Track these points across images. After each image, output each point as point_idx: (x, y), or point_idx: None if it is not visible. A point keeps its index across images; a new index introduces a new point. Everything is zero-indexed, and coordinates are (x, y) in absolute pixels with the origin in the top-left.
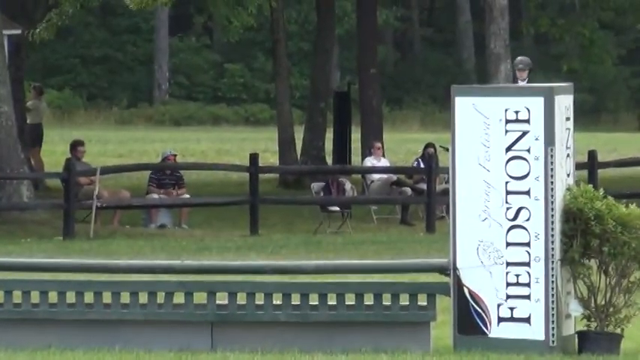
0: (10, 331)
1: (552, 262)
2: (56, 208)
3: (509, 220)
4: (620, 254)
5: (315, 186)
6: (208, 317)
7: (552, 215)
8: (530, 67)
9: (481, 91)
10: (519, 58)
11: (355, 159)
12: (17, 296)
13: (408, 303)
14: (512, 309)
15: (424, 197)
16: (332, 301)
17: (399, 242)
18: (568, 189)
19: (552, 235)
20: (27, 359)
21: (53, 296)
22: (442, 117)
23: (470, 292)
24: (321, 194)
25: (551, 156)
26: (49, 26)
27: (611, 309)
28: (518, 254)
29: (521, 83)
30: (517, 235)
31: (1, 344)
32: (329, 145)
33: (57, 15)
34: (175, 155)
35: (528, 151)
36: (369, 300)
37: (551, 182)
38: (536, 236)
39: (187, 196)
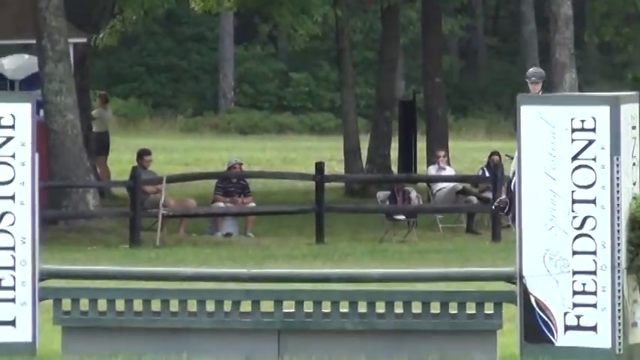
0: (78, 338)
1: (618, 270)
2: (122, 217)
3: (575, 228)
4: None
5: (381, 195)
6: (275, 325)
7: (618, 224)
8: (544, 80)
9: (547, 100)
10: (532, 70)
11: (420, 168)
12: (84, 304)
13: (474, 311)
14: (578, 317)
15: (490, 206)
16: (398, 309)
17: (465, 251)
18: (634, 198)
19: (618, 244)
20: None
21: (120, 304)
22: (507, 125)
23: (536, 300)
24: (387, 203)
25: (617, 165)
26: (113, 32)
27: None
28: (585, 263)
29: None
30: (583, 244)
31: (69, 352)
32: (394, 154)
33: (120, 22)
34: (241, 164)
35: (594, 159)
36: (435, 308)
37: (617, 191)
38: (602, 245)
39: (253, 204)
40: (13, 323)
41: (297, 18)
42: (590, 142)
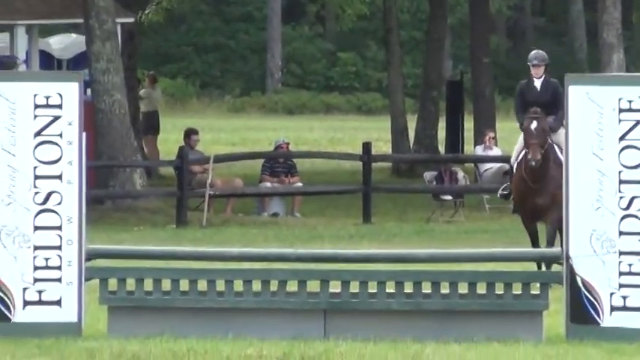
0: (124, 318)
1: None
2: (169, 196)
3: (622, 209)
4: None
5: (428, 175)
6: (321, 305)
7: None
8: (546, 63)
9: (595, 80)
10: (533, 53)
11: (468, 148)
12: (131, 284)
13: (520, 292)
14: (624, 298)
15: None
16: (445, 289)
17: (512, 231)
18: None
19: None
20: (140, 346)
21: (167, 284)
22: None
23: (583, 281)
24: (434, 183)
25: None
26: (159, 9)
27: None
28: (632, 243)
29: (537, 81)
30: (630, 225)
31: (115, 332)
32: (441, 134)
33: None
34: (288, 144)
35: None
36: (481, 289)
37: None
38: None
39: (300, 184)
40: (58, 303)
41: None
42: (638, 122)
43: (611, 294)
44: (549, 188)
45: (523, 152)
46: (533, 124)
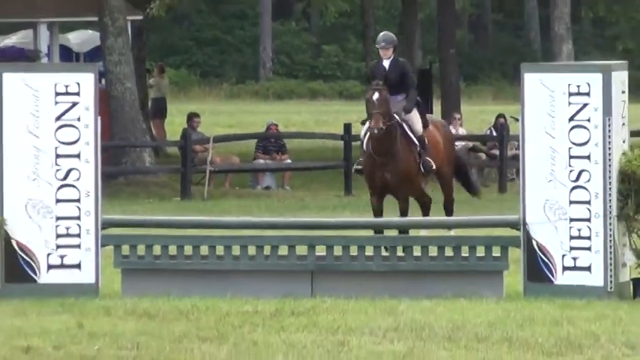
0: (136, 280)
1: (610, 218)
2: (174, 173)
3: (571, 181)
4: None
5: None
6: (309, 267)
7: (610, 177)
8: (394, 44)
9: (547, 68)
10: (381, 34)
11: None
12: (141, 250)
13: (483, 254)
14: (575, 259)
15: (497, 162)
16: (417, 252)
17: (475, 201)
18: (623, 154)
19: (610, 195)
20: (150, 304)
21: (173, 249)
22: (512, 91)
23: (538, 244)
24: None
25: (609, 125)
26: (161, 5)
27: None
28: (580, 211)
29: (385, 62)
30: (579, 195)
31: (128, 292)
32: None
33: None
34: (277, 125)
35: (589, 120)
36: (449, 252)
37: (609, 148)
38: (595, 195)
39: (289, 161)
40: (78, 267)
41: None
42: (585, 105)
43: (563, 255)
44: (397, 164)
45: (367, 125)
46: (375, 95)
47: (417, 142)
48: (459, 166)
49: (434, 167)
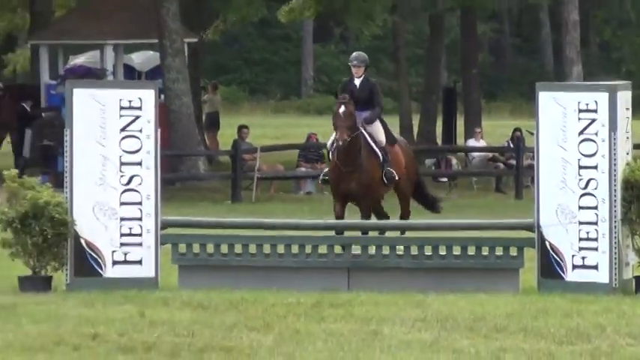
0: (191, 275)
1: (615, 221)
2: (226, 179)
3: (581, 188)
4: None
5: (428, 161)
6: (345, 264)
7: (615, 185)
8: (366, 63)
9: (559, 87)
10: (355, 54)
11: (459, 140)
12: (196, 248)
13: (502, 253)
14: (583, 258)
15: (514, 171)
16: (442, 251)
17: (494, 206)
18: (627, 164)
19: (615, 201)
20: (204, 296)
21: (224, 247)
22: (528, 108)
23: (550, 245)
24: (433, 168)
25: (614, 139)
26: (216, 30)
27: None
28: (589, 215)
29: (357, 80)
30: (587, 201)
31: (184, 285)
32: (439, 130)
33: (222, 22)
34: (316, 134)
35: (596, 134)
36: (471, 251)
37: (614, 159)
38: (602, 201)
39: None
40: (140, 262)
41: (363, 22)
42: (593, 120)
43: (573, 255)
44: (361, 174)
45: (333, 137)
46: (341, 109)
47: (379, 154)
48: (417, 186)
49: (396, 177)
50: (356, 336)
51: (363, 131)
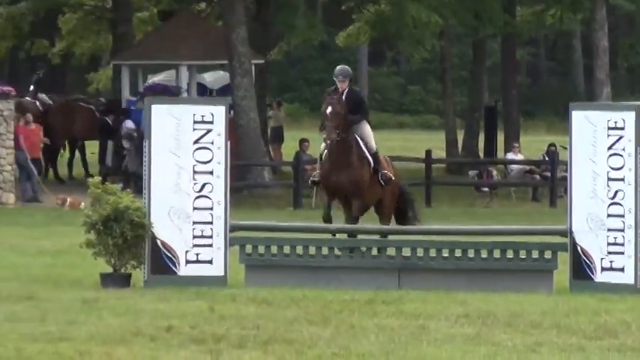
0: (257, 273)
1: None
2: (288, 187)
3: (609, 198)
4: None
5: (471, 173)
6: (396, 265)
7: None
8: (350, 77)
9: (591, 107)
10: (339, 68)
11: (499, 154)
12: (261, 249)
13: (537, 256)
14: (611, 262)
15: (549, 182)
16: (484, 254)
17: (531, 214)
18: None
19: None
20: (268, 293)
21: (287, 249)
22: (562, 125)
23: (582, 249)
24: (476, 179)
25: None
26: (280, 52)
27: None
28: (616, 223)
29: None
30: (615, 209)
31: (250, 283)
32: (481, 144)
33: (286, 44)
34: None
35: (624, 149)
36: (510, 254)
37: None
38: (629, 210)
39: None
40: (210, 262)
41: (414, 47)
42: (621, 137)
43: (602, 259)
44: (350, 171)
45: (324, 152)
46: (328, 109)
47: (370, 159)
48: (401, 202)
49: (393, 178)
50: (405, 330)
51: (355, 135)
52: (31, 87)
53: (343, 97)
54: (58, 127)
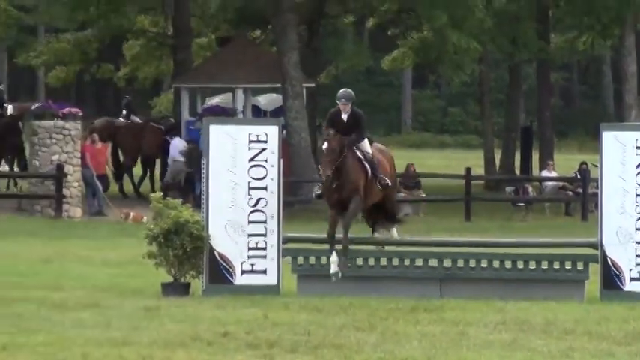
0: (308, 282)
1: None
2: None
3: (637, 213)
4: None
5: (508, 189)
6: (438, 275)
7: None
8: (352, 100)
9: (620, 128)
10: (342, 91)
11: (535, 172)
12: (312, 260)
13: (570, 267)
14: (639, 272)
15: (580, 197)
16: (520, 265)
17: (564, 227)
18: None
19: None
20: (318, 301)
21: (360, 260)
22: (593, 144)
23: (611, 261)
24: (512, 195)
25: None
26: (328, 75)
27: None
28: None
29: (344, 115)
30: None
31: (302, 292)
32: (517, 162)
33: (335, 69)
34: (413, 165)
35: None
36: (544, 265)
37: None
38: None
39: (423, 194)
40: (264, 272)
41: (454, 71)
42: None
43: (630, 269)
44: (348, 185)
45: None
46: (325, 145)
47: (367, 167)
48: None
49: (389, 184)
50: (446, 336)
51: (353, 149)
52: (124, 110)
53: (345, 120)
54: (127, 146)
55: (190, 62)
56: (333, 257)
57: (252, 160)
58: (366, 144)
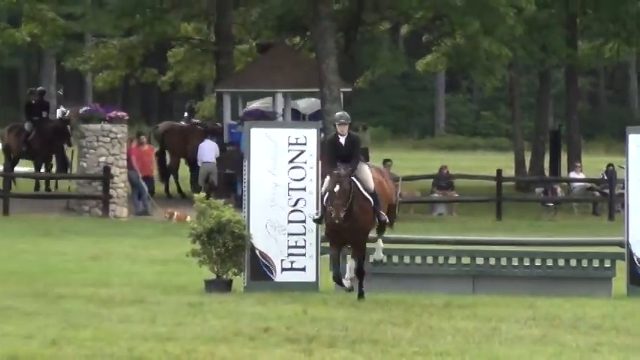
0: (379, 281)
1: None
2: None
3: None
4: None
5: (538, 190)
6: (471, 272)
7: None
8: (349, 122)
9: None
10: (338, 114)
11: (563, 173)
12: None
13: (598, 265)
14: None
15: (607, 198)
16: (549, 262)
17: (592, 227)
18: None
19: None
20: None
21: (395, 258)
22: (619, 147)
23: (637, 258)
24: (542, 195)
25: None
26: (365, 80)
27: None
28: None
29: (341, 138)
30: None
31: (340, 288)
32: (547, 164)
33: (371, 74)
34: (446, 167)
35: None
36: (573, 262)
37: None
38: None
39: (456, 195)
40: (304, 269)
41: (486, 76)
42: None
43: None
44: (355, 224)
45: (327, 195)
46: (336, 187)
47: (371, 200)
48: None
49: (387, 220)
50: (479, 332)
51: (355, 180)
52: (185, 114)
53: (343, 143)
54: (175, 148)
55: (232, 68)
56: (347, 275)
57: (291, 161)
58: (364, 170)
